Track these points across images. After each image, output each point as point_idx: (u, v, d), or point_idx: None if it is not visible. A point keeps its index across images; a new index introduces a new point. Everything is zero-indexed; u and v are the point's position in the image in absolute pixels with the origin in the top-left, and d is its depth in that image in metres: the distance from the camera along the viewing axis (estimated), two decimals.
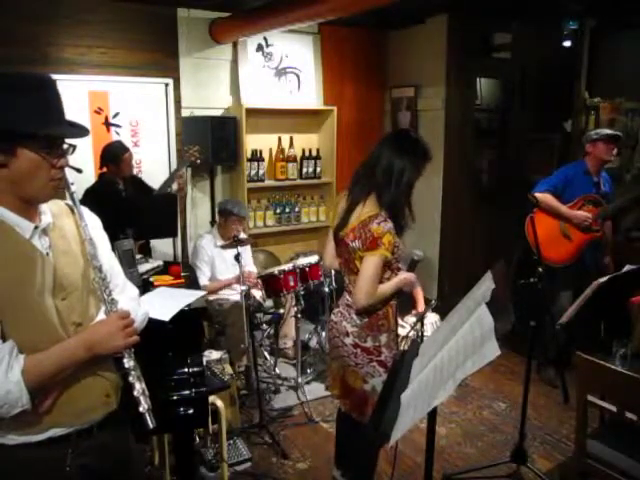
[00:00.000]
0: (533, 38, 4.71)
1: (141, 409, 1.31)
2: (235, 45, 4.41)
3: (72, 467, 1.34)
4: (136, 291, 1.57)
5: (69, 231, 1.38)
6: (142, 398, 1.31)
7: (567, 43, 4.50)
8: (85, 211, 1.41)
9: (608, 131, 3.51)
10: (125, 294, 1.48)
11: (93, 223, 1.45)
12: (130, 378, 1.32)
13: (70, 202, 1.39)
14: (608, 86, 4.50)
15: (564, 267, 3.57)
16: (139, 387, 1.32)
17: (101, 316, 1.39)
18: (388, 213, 2.09)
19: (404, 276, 2.22)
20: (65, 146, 1.29)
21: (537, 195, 3.56)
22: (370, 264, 2.06)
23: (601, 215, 3.53)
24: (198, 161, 3.91)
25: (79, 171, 1.38)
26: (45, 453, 1.31)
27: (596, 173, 3.56)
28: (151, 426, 1.30)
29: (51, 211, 1.36)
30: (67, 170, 1.32)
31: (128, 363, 1.33)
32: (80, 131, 1.32)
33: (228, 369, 2.99)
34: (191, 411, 2.11)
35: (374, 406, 2.09)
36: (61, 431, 1.33)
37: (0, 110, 1.19)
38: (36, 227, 1.29)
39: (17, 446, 1.29)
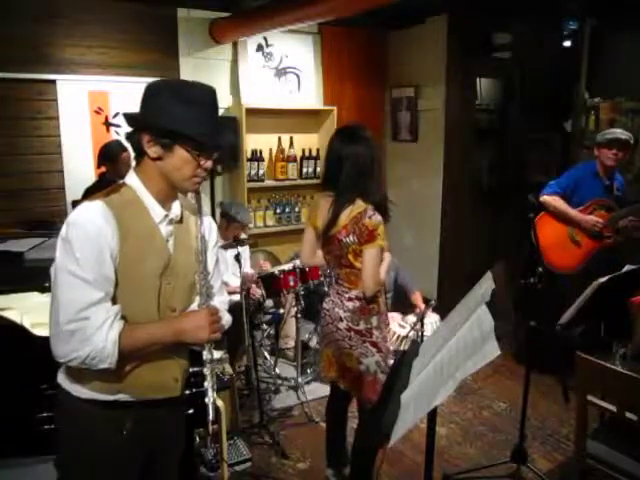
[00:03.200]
0: (533, 38, 4.71)
1: (207, 400, 1.45)
2: (235, 45, 4.41)
3: (128, 432, 1.47)
4: (227, 298, 1.74)
5: (192, 227, 1.55)
6: (211, 391, 1.46)
7: (567, 43, 4.50)
8: (208, 217, 1.61)
9: (610, 135, 3.33)
10: (218, 297, 1.63)
11: (211, 227, 1.62)
12: (205, 370, 1.46)
13: (195, 207, 1.55)
14: (608, 86, 4.50)
15: (570, 275, 3.37)
16: (211, 380, 1.46)
17: (194, 307, 1.54)
18: (374, 206, 2.25)
19: (389, 258, 2.42)
20: (212, 151, 1.45)
21: (546, 198, 3.43)
22: (372, 256, 2.23)
23: (613, 221, 3.33)
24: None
25: (219, 174, 1.55)
26: (108, 413, 1.45)
27: (607, 176, 3.38)
28: (211, 417, 1.45)
29: (183, 207, 1.54)
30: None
31: (206, 356, 1.46)
32: (225, 145, 1.48)
33: (228, 369, 2.99)
34: (191, 411, 2.11)
35: (369, 385, 2.31)
36: (126, 397, 1.46)
37: (170, 113, 1.36)
38: (166, 215, 1.47)
39: (86, 400, 1.43)
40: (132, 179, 1.45)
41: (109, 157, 3.61)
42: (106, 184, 4.13)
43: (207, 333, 1.43)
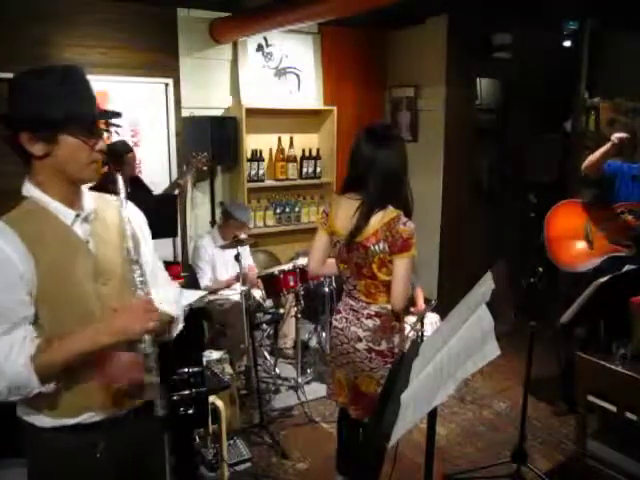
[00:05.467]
0: (533, 38, 4.71)
1: (149, 397, 1.35)
2: (235, 45, 4.41)
3: (102, 454, 1.38)
4: (178, 289, 1.64)
5: (111, 222, 1.44)
6: (153, 384, 1.33)
7: (567, 43, 4.50)
8: (132, 206, 1.50)
9: None
10: (166, 288, 1.54)
11: (139, 220, 1.52)
12: (149, 362, 1.34)
13: (119, 200, 1.44)
14: (608, 86, 4.50)
15: (573, 278, 3.16)
16: (153, 374, 1.34)
17: None
18: (404, 212, 2.12)
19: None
20: (101, 130, 1.36)
21: (584, 163, 3.12)
22: (404, 267, 2.08)
23: (637, 231, 2.96)
24: (205, 168, 3.93)
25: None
26: (77, 438, 1.35)
27: None
28: (159, 414, 1.34)
29: (95, 202, 1.43)
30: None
31: (145, 350, 1.33)
32: (112, 114, 1.40)
33: (228, 369, 2.99)
34: (191, 411, 2.11)
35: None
36: (94, 416, 1.37)
37: (42, 101, 1.25)
38: (77, 215, 1.36)
39: (53, 429, 1.34)
40: (27, 189, 1.33)
41: (114, 157, 3.61)
42: (107, 184, 4.11)
43: (138, 323, 1.29)
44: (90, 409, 1.36)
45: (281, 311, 3.98)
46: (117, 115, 1.39)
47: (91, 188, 1.57)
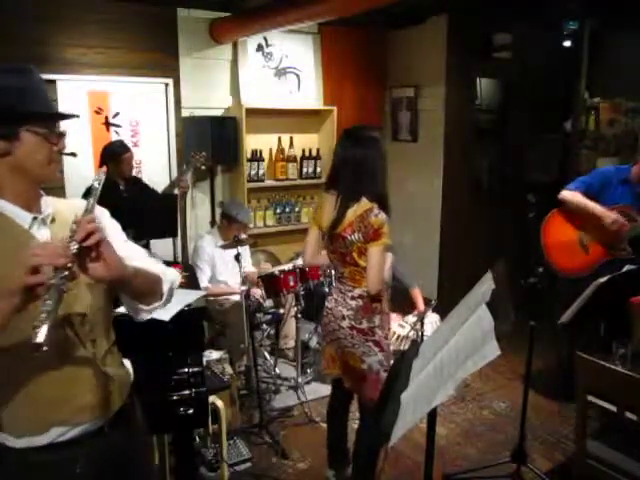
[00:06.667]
0: (533, 38, 4.71)
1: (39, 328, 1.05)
2: (235, 45, 4.41)
3: (83, 469, 1.33)
4: (169, 270, 1.51)
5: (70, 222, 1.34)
6: (45, 315, 1.06)
7: (567, 43, 4.50)
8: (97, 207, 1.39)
9: None
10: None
11: (100, 214, 1.40)
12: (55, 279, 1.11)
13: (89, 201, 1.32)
14: (608, 86, 4.50)
15: (572, 279, 3.16)
16: (54, 303, 1.07)
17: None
18: (378, 205, 2.30)
19: (390, 257, 2.54)
20: (60, 129, 1.30)
21: (564, 193, 3.14)
22: (376, 254, 2.27)
23: (630, 234, 2.97)
24: (203, 167, 3.93)
25: (74, 155, 1.44)
26: (55, 456, 1.30)
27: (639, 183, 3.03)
28: (38, 340, 1.03)
29: (55, 206, 1.35)
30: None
31: (51, 273, 1.09)
32: (71, 115, 1.37)
33: (228, 369, 2.99)
34: (191, 411, 2.11)
35: (372, 384, 2.33)
36: (65, 432, 1.31)
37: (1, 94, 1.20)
38: (35, 218, 1.28)
39: (27, 449, 1.28)
40: None
41: (111, 157, 3.61)
42: (106, 184, 4.12)
43: (47, 259, 1.09)
44: (56, 424, 1.29)
45: (281, 311, 3.98)
46: (74, 116, 1.37)
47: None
